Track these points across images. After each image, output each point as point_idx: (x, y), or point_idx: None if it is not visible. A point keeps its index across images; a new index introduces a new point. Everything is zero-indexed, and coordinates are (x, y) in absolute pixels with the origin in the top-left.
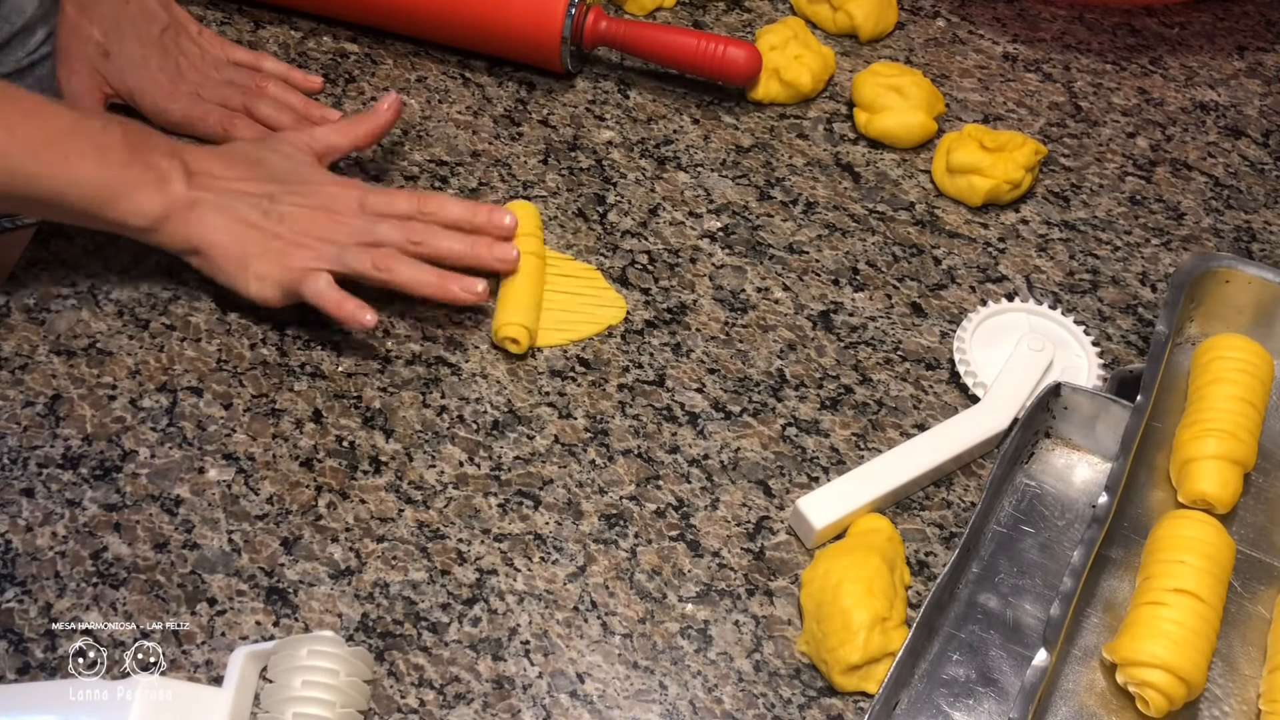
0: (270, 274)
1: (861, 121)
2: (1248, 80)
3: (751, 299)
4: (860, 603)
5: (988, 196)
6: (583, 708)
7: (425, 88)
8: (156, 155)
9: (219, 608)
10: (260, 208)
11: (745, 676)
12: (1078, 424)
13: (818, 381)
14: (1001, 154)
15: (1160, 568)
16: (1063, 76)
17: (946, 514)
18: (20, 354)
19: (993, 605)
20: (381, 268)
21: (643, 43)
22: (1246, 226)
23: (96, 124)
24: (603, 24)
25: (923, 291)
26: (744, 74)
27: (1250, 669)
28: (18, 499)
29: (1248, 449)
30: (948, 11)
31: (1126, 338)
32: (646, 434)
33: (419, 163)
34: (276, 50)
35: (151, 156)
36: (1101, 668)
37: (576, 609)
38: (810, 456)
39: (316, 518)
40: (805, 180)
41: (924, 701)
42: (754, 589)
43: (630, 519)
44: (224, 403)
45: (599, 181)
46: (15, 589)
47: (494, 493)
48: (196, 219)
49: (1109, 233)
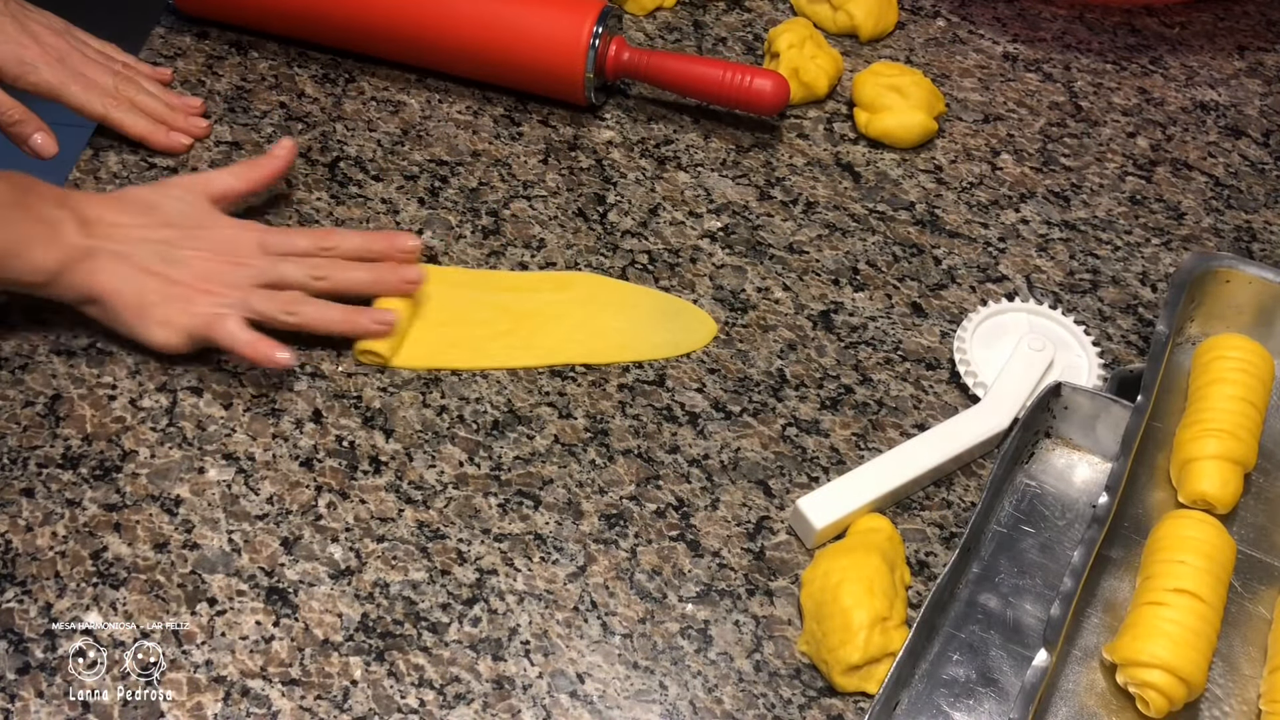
0: (175, 320)
1: (862, 121)
2: (1248, 80)
3: (751, 299)
4: (860, 603)
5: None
6: (583, 708)
7: (425, 87)
8: (46, 205)
9: (219, 608)
10: (159, 254)
11: (745, 676)
12: (1078, 424)
13: (818, 381)
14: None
15: (1161, 568)
16: (1063, 76)
17: (947, 514)
18: (20, 354)
19: (993, 605)
20: (290, 311)
21: (666, 74)
22: (1247, 226)
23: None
24: (625, 55)
25: (923, 291)
26: (772, 104)
27: (1251, 669)
28: (18, 499)
29: (1248, 449)
30: (948, 11)
31: (1127, 338)
32: (646, 434)
33: (419, 162)
34: (276, 49)
35: (41, 208)
36: (1102, 668)
37: (576, 609)
38: (810, 456)
39: (316, 518)
40: (805, 180)
41: (924, 701)
42: (754, 589)
43: (630, 519)
44: (224, 403)
45: (599, 181)
46: (15, 589)
47: (494, 493)
48: (93, 268)
49: (1109, 232)
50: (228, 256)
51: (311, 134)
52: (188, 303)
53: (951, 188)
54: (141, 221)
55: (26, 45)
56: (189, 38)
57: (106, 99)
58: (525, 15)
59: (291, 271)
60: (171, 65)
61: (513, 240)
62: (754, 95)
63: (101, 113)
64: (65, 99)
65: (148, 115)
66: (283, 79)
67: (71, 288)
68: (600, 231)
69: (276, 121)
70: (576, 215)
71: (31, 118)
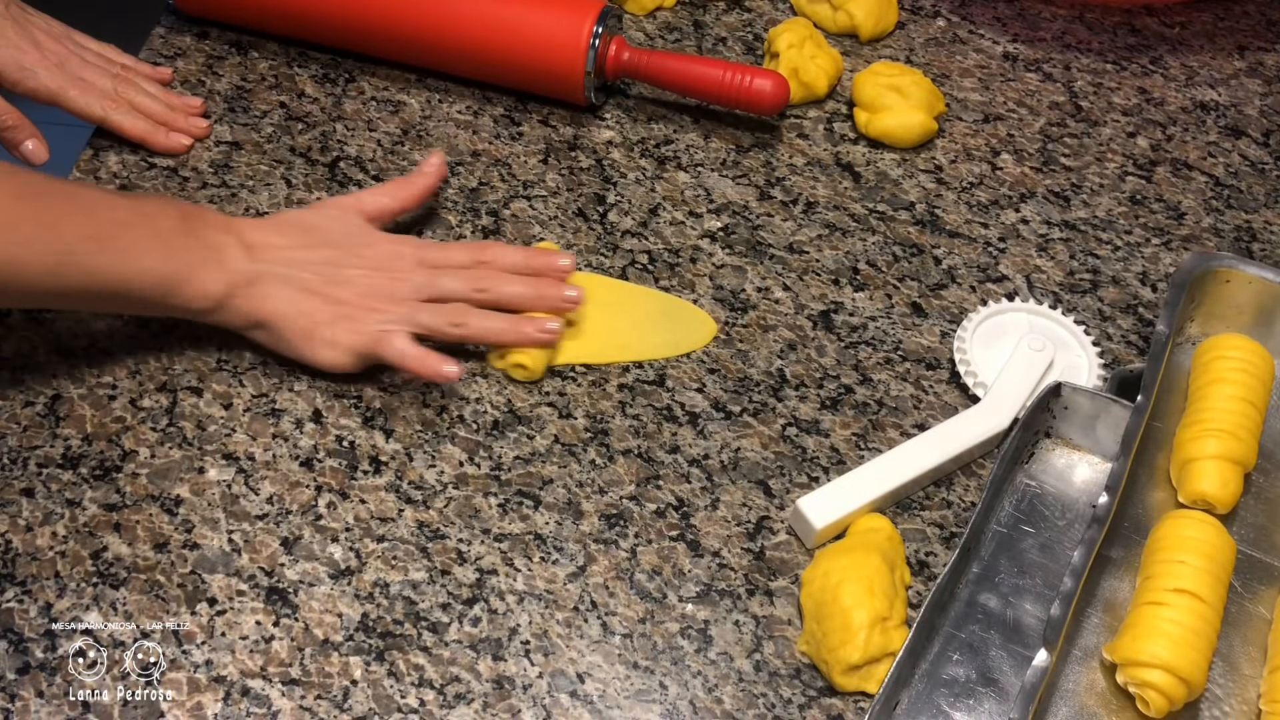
0: (341, 340)
1: (862, 121)
2: (1248, 80)
3: (751, 299)
4: (860, 602)
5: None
6: (583, 708)
7: (425, 87)
8: (211, 231)
9: (219, 608)
10: (322, 275)
11: (745, 676)
12: (1078, 424)
13: (818, 381)
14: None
15: (1161, 568)
16: (1063, 76)
17: (947, 514)
18: (20, 354)
19: (993, 605)
20: (455, 322)
21: (666, 74)
22: (1247, 226)
23: (152, 207)
24: (625, 55)
25: (923, 291)
26: (772, 104)
27: (1251, 669)
28: (18, 499)
29: (1248, 449)
30: (948, 11)
31: (1127, 337)
32: (646, 434)
33: (419, 162)
34: (276, 49)
35: (208, 234)
36: (1102, 668)
37: (576, 609)
38: (810, 456)
39: (316, 518)
40: (805, 180)
41: (924, 701)
42: (754, 589)
43: (630, 519)
44: (224, 403)
45: (599, 181)
46: (15, 589)
47: (494, 493)
48: (260, 293)
49: (1109, 232)
50: (388, 273)
51: (311, 134)
52: (354, 321)
53: (951, 188)
54: (302, 243)
55: (26, 50)
56: (189, 38)
57: (105, 102)
58: (525, 15)
59: (453, 285)
60: (171, 65)
61: (513, 240)
62: (754, 95)
63: (100, 116)
64: (64, 104)
65: (147, 117)
66: (283, 79)
67: (239, 313)
68: (600, 231)
69: (276, 121)
70: (576, 215)
71: (25, 124)
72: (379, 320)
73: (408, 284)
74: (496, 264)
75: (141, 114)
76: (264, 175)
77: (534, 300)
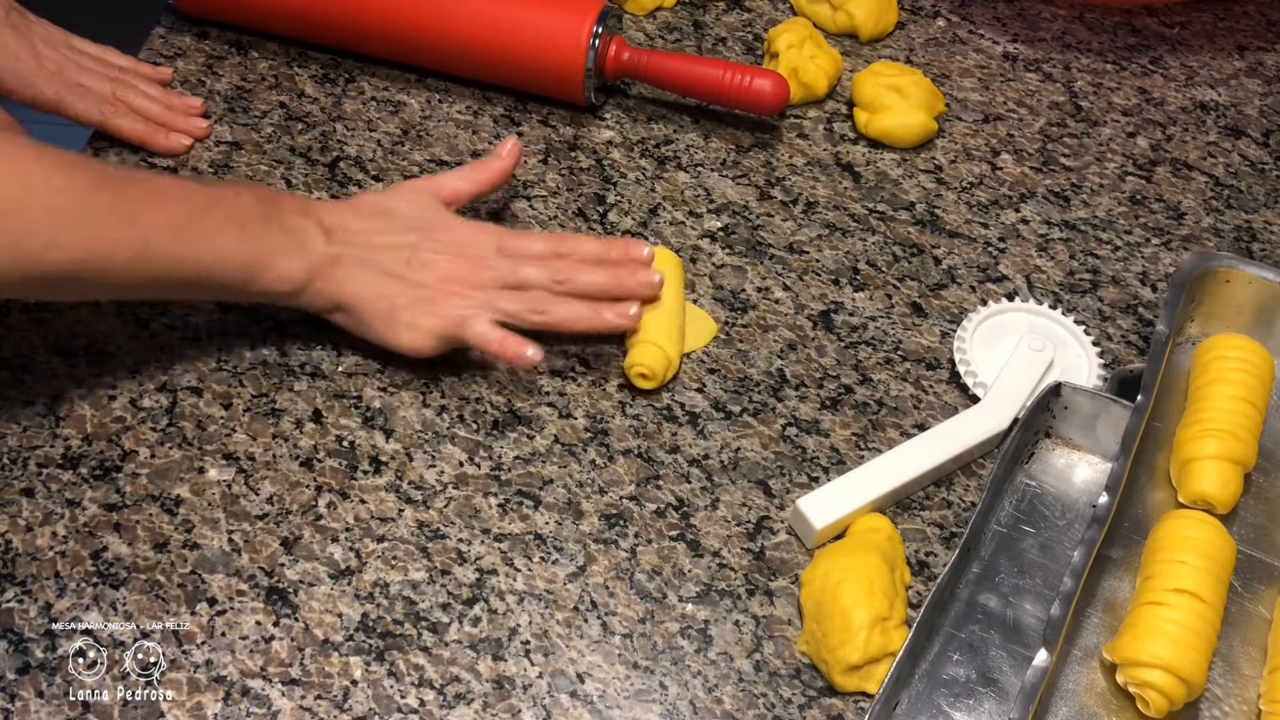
0: (422, 323)
1: (861, 121)
2: (1248, 80)
3: (751, 299)
4: (860, 602)
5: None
6: (583, 708)
7: (425, 87)
8: (290, 216)
9: (219, 608)
10: (402, 258)
11: (745, 676)
12: (1078, 424)
13: (818, 381)
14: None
15: (1161, 568)
16: (1063, 76)
17: (947, 514)
18: (20, 354)
19: (993, 605)
20: (537, 310)
21: (666, 74)
22: (1247, 226)
23: (229, 193)
24: (625, 55)
25: (923, 291)
26: (772, 104)
27: (1251, 669)
28: (18, 499)
29: (1248, 449)
30: (948, 11)
31: (1127, 337)
32: (646, 434)
33: (419, 162)
34: (276, 49)
35: (286, 218)
36: (1102, 668)
37: (576, 609)
38: (810, 456)
39: (316, 518)
40: (805, 180)
41: (924, 701)
42: (754, 589)
43: (630, 519)
44: (224, 403)
45: (599, 181)
46: (15, 589)
47: (494, 493)
48: (341, 276)
49: (1109, 232)
50: (468, 258)
51: (311, 134)
52: (435, 305)
53: (951, 188)
54: (381, 226)
55: (25, 59)
56: (189, 38)
57: (104, 106)
58: (525, 15)
59: (532, 274)
60: (171, 65)
61: None
62: (754, 95)
63: (100, 121)
64: (63, 112)
65: (146, 118)
66: (283, 79)
67: (320, 295)
68: (600, 231)
69: (276, 121)
70: (576, 215)
71: None
72: (460, 305)
73: (489, 271)
74: (575, 255)
75: (141, 116)
76: (264, 175)
77: (612, 288)
